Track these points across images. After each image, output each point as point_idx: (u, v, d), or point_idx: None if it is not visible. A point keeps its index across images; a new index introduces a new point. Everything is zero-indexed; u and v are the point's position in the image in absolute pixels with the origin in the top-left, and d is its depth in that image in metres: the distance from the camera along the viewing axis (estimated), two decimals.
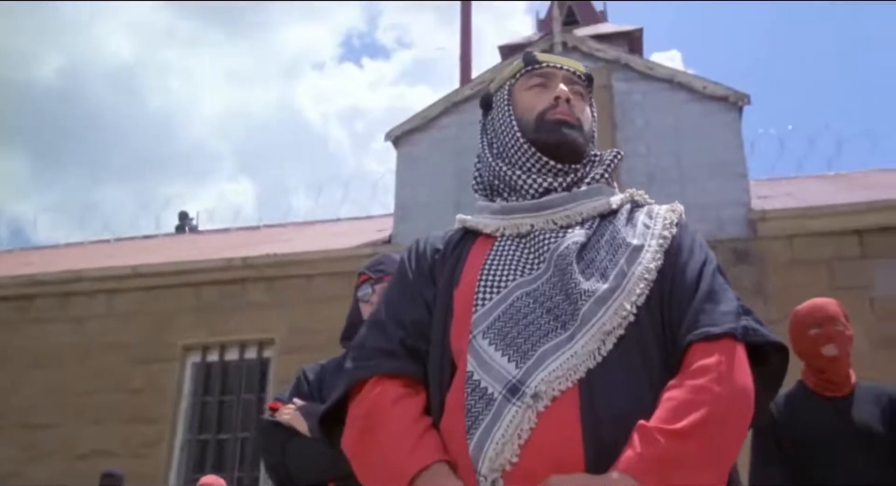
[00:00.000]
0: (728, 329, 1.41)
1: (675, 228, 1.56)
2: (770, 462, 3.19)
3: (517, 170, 1.65)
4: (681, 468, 1.28)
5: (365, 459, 1.47)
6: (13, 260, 12.93)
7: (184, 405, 10.17)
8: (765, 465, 3.18)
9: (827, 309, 3.27)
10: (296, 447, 2.54)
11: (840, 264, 8.81)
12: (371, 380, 1.51)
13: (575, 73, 1.73)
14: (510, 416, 1.34)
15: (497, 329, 1.45)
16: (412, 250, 1.71)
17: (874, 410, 3.16)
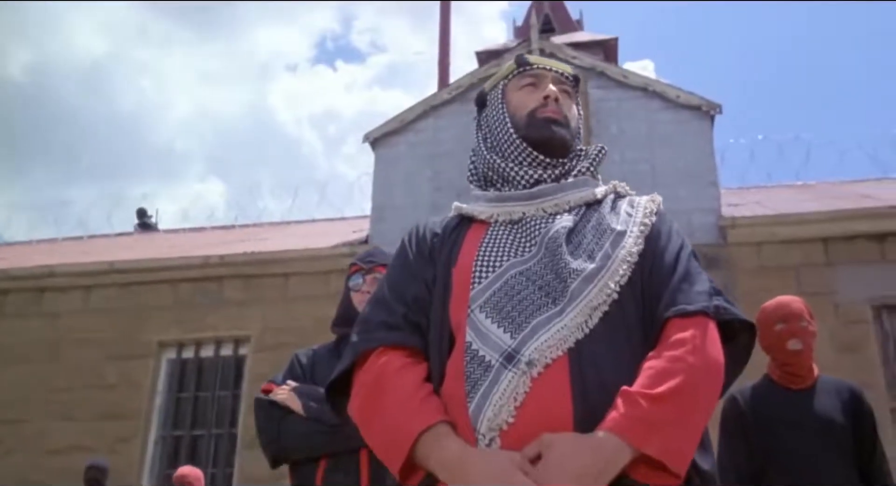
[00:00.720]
0: (702, 307, 1.56)
1: (655, 216, 1.72)
2: (736, 446, 3.35)
3: (510, 162, 1.80)
4: (659, 427, 1.42)
5: (372, 422, 1.61)
6: None
7: (158, 401, 10.20)
8: (730, 448, 3.34)
9: (792, 306, 3.44)
10: (290, 425, 2.67)
11: (806, 271, 9.03)
12: (376, 351, 1.65)
13: (563, 75, 1.89)
14: (507, 381, 1.48)
15: (493, 304, 1.59)
16: (412, 234, 1.85)
17: (835, 401, 3.33)
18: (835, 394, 3.37)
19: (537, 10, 14.98)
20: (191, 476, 6.04)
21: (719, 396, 1.56)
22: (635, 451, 1.41)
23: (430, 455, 1.49)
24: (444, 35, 14.00)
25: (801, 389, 3.38)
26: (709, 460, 1.56)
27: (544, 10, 15.17)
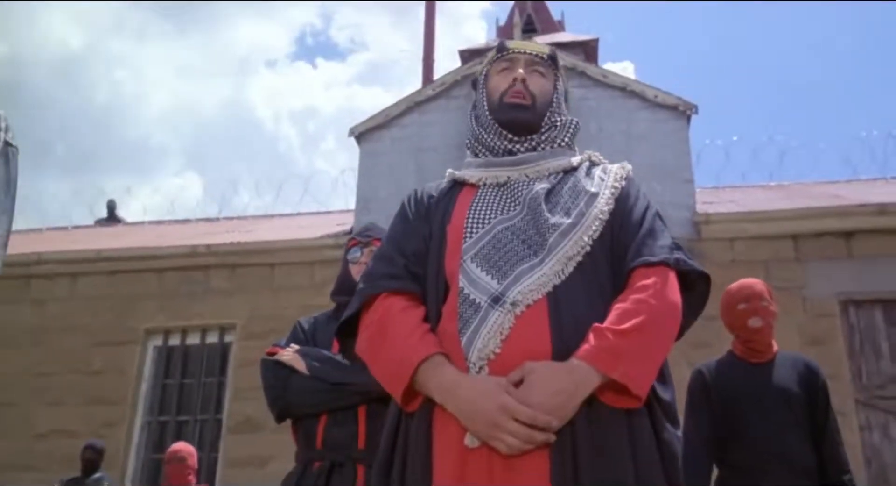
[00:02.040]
0: (663, 259, 1.83)
1: (625, 181, 1.99)
2: (701, 417, 3.61)
3: (489, 135, 2.09)
4: (624, 357, 1.68)
5: (377, 355, 1.86)
6: None
7: (144, 388, 10.38)
8: (696, 419, 3.60)
9: (754, 288, 3.72)
10: (295, 383, 2.91)
11: (776, 266, 9.35)
12: (380, 296, 1.91)
13: (537, 56, 2.16)
14: (494, 318, 1.74)
15: (483, 255, 1.85)
16: (411, 197, 2.12)
17: (791, 374, 3.61)
18: (791, 367, 3.64)
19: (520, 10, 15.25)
20: (184, 452, 6.25)
21: (677, 335, 1.82)
22: (603, 376, 1.67)
23: (429, 381, 1.74)
24: (428, 33, 14.23)
25: (761, 363, 3.65)
26: (669, 392, 1.82)
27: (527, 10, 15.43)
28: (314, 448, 2.89)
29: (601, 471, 1.64)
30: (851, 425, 8.40)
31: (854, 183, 12.23)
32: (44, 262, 10.93)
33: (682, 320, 1.84)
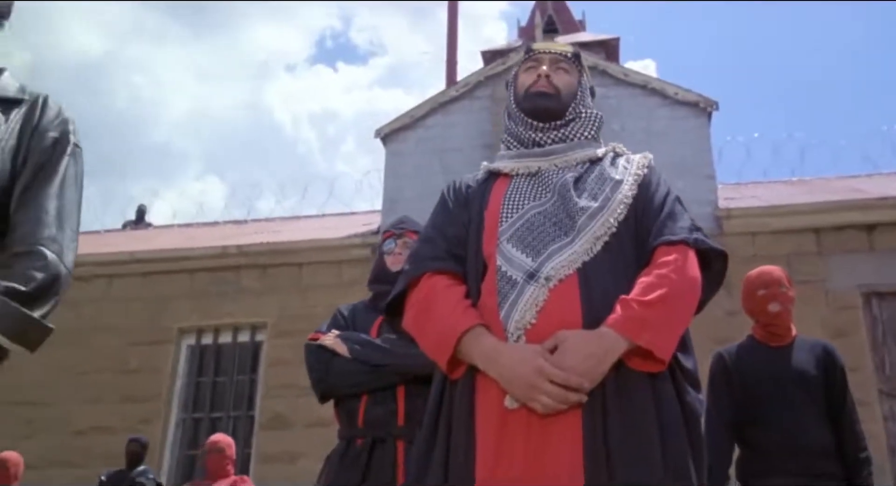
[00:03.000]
0: (683, 238, 2.01)
1: (647, 169, 2.17)
2: (722, 399, 3.76)
3: (518, 126, 2.28)
4: (648, 325, 1.86)
5: (424, 328, 2.05)
6: None
7: (178, 385, 10.66)
8: (717, 401, 3.76)
9: (772, 274, 3.87)
10: (337, 366, 3.10)
11: (798, 259, 9.47)
12: (425, 276, 2.10)
13: (561, 54, 2.34)
14: (529, 292, 1.93)
15: (518, 236, 2.04)
16: (451, 187, 2.31)
17: (809, 356, 3.75)
18: (810, 350, 3.79)
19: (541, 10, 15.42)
20: (223, 442, 6.47)
21: (696, 307, 2.00)
22: (630, 343, 1.85)
23: (472, 350, 1.93)
24: (451, 35, 14.42)
25: (780, 346, 3.79)
26: (691, 360, 2.00)
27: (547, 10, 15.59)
28: (356, 426, 3.07)
29: (628, 429, 1.82)
30: (875, 415, 8.51)
31: (875, 177, 12.29)
32: (80, 264, 11.07)
33: (702, 294, 2.02)
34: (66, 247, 1.93)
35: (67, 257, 1.92)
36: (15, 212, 1.90)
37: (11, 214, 1.90)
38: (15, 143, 1.96)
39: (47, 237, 1.89)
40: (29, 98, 2.05)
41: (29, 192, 1.93)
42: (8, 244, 1.88)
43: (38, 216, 1.90)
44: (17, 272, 1.83)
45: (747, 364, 3.79)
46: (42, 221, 1.90)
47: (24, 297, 1.80)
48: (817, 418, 3.63)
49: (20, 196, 1.92)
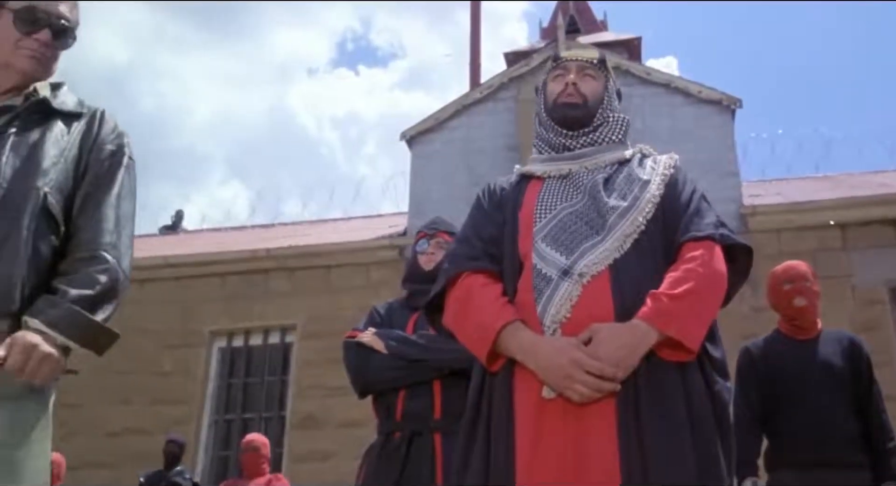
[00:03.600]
0: (709, 233, 2.11)
1: (673, 169, 2.27)
2: (749, 391, 3.85)
3: (548, 132, 2.39)
4: (677, 317, 1.96)
5: (464, 324, 2.17)
6: None
7: (211, 387, 10.84)
8: (745, 393, 3.84)
9: (798, 269, 3.96)
10: (375, 362, 3.20)
11: (823, 255, 9.48)
12: (463, 275, 2.21)
13: (587, 61, 2.44)
14: (564, 288, 2.04)
15: (552, 236, 2.14)
16: (485, 190, 2.42)
17: (836, 348, 3.83)
18: (836, 342, 3.87)
19: (563, 10, 15.50)
20: (258, 441, 6.63)
21: (723, 299, 2.10)
22: (660, 334, 1.95)
23: (510, 343, 2.04)
24: (474, 36, 14.52)
25: (806, 339, 3.88)
26: (719, 350, 2.10)
27: (569, 11, 15.67)
28: (394, 420, 3.17)
29: (660, 415, 1.92)
30: None
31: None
32: None
33: (728, 287, 2.11)
34: (124, 253, 2.07)
35: (125, 262, 2.07)
36: (77, 217, 2.04)
37: (73, 218, 2.04)
38: (76, 153, 2.10)
39: (108, 243, 2.03)
40: (87, 112, 2.19)
41: (90, 200, 2.07)
42: (71, 250, 2.01)
43: (99, 224, 2.04)
44: (82, 276, 1.96)
45: (774, 357, 3.88)
46: (102, 228, 2.04)
47: (91, 301, 1.93)
48: (844, 408, 3.71)
49: (82, 204, 2.06)
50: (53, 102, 2.14)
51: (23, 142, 2.03)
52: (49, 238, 1.99)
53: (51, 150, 2.05)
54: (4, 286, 1.88)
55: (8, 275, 1.89)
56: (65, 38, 2.18)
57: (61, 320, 1.88)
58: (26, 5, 2.10)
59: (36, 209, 1.96)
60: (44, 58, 2.14)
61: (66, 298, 1.91)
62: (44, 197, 1.98)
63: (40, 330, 1.85)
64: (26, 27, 2.10)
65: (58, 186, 2.03)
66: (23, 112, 2.08)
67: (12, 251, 1.90)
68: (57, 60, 2.21)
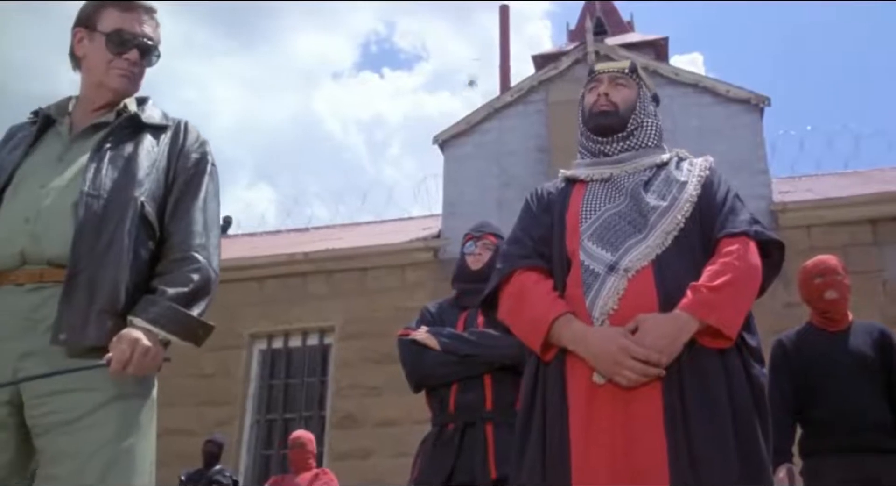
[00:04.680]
0: (744, 229, 2.29)
1: (708, 171, 2.45)
2: (782, 381, 3.99)
3: (588, 142, 2.59)
4: (716, 307, 2.14)
5: (518, 317, 2.36)
6: None
7: (252, 389, 11.10)
8: (778, 383, 3.99)
9: (828, 263, 4.10)
10: (430, 358, 3.37)
11: (854, 251, 9.58)
12: (516, 272, 2.40)
13: (618, 72, 2.63)
14: (611, 282, 2.22)
15: (598, 235, 2.33)
16: (533, 194, 2.61)
17: (866, 339, 3.97)
18: (866, 334, 4.00)
19: (590, 12, 15.63)
20: (304, 438, 6.86)
21: (758, 291, 2.28)
22: (701, 323, 2.13)
23: (562, 334, 2.23)
24: (503, 41, 14.72)
25: (837, 330, 4.02)
26: (755, 339, 2.28)
27: (596, 13, 15.80)
28: (447, 412, 3.34)
29: (702, 398, 2.11)
30: None
31: None
32: None
33: (762, 280, 2.29)
34: (213, 253, 2.28)
35: (214, 261, 2.27)
36: (169, 222, 2.25)
37: (166, 223, 2.25)
38: (165, 163, 2.31)
39: (199, 245, 2.24)
40: (172, 124, 2.40)
41: (180, 206, 2.28)
42: (165, 252, 2.23)
43: (189, 227, 2.25)
44: (177, 276, 2.18)
45: (806, 348, 4.02)
46: (193, 231, 2.25)
47: (186, 298, 2.14)
48: (875, 396, 3.84)
49: (173, 209, 2.27)
50: (142, 116, 2.33)
51: (118, 155, 2.23)
52: (147, 243, 2.19)
53: (143, 161, 2.25)
54: (111, 289, 2.08)
55: (113, 279, 2.09)
56: (150, 56, 2.38)
57: (162, 316, 2.08)
58: (116, 29, 2.30)
59: (135, 217, 2.16)
60: (133, 76, 2.35)
61: (164, 296, 2.11)
62: (141, 206, 2.18)
63: (145, 327, 2.05)
64: (117, 48, 2.30)
65: (151, 195, 2.22)
66: (116, 127, 2.28)
67: (116, 257, 2.10)
68: (143, 77, 2.41)
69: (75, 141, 2.28)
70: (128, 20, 2.33)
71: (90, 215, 2.12)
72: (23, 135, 2.34)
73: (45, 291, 2.08)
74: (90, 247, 2.09)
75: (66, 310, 2.04)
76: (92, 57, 2.33)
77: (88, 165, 2.19)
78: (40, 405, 2.02)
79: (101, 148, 2.23)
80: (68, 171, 2.20)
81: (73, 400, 2.02)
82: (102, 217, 2.12)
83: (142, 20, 2.35)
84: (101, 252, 2.09)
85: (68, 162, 2.23)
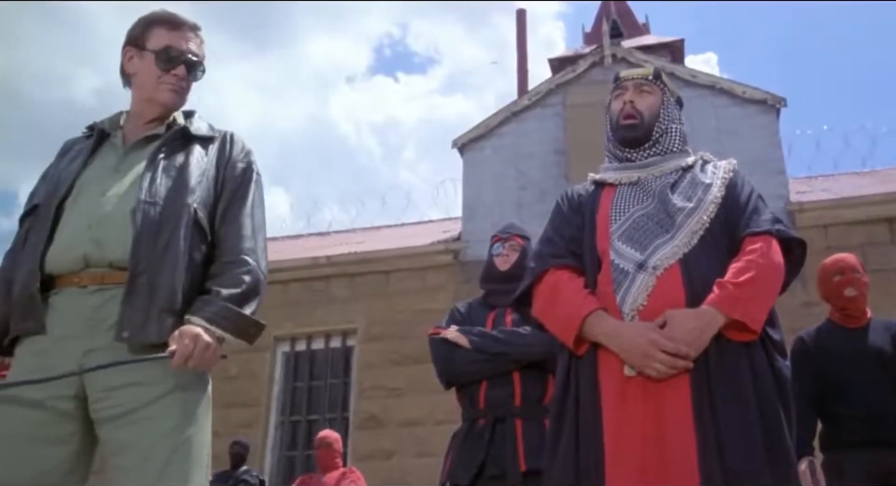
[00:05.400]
0: (766, 229, 2.40)
1: (732, 173, 2.57)
2: (803, 377, 4.08)
3: (615, 149, 2.71)
4: (741, 302, 2.26)
5: (552, 313, 2.48)
6: None
7: (276, 390, 11.25)
8: (799, 379, 4.07)
9: (847, 261, 4.20)
10: (460, 356, 3.49)
11: (872, 250, 9.64)
12: (549, 270, 2.52)
13: (642, 78, 2.74)
14: (640, 280, 2.34)
15: (627, 235, 2.45)
16: (564, 196, 2.73)
17: (885, 335, 4.05)
18: (885, 330, 4.08)
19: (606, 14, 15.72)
20: (331, 437, 6.99)
21: (781, 287, 2.39)
22: (727, 317, 2.25)
23: (594, 329, 2.35)
24: (520, 44, 14.82)
25: (856, 327, 4.11)
26: (778, 333, 2.39)
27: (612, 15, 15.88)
28: (478, 408, 3.45)
29: (729, 389, 2.22)
30: None
31: None
32: None
33: (784, 276, 2.41)
34: (261, 256, 2.40)
35: (262, 263, 2.40)
36: (219, 228, 2.38)
37: (216, 229, 2.37)
38: (214, 172, 2.44)
39: (248, 248, 2.37)
40: (218, 135, 2.53)
41: (229, 212, 2.40)
42: (217, 256, 2.35)
43: (239, 232, 2.38)
44: (229, 278, 2.30)
45: (826, 344, 4.10)
46: (242, 235, 2.38)
47: (239, 298, 2.27)
48: (893, 391, 3.93)
49: (222, 215, 2.39)
50: (191, 128, 2.47)
51: (171, 165, 2.36)
52: (200, 247, 2.31)
53: (194, 171, 2.38)
54: (169, 290, 2.21)
55: (171, 280, 2.22)
56: (195, 71, 2.51)
57: (216, 315, 2.20)
58: (164, 46, 2.44)
59: (189, 223, 2.28)
60: (181, 90, 2.48)
61: (219, 297, 2.23)
62: (194, 212, 2.31)
63: (202, 326, 2.18)
64: (165, 65, 2.44)
65: (202, 202, 2.35)
66: (168, 139, 2.42)
67: (173, 260, 2.23)
68: (189, 91, 2.54)
69: (129, 152, 2.40)
70: (175, 38, 2.46)
71: (147, 221, 2.24)
72: (79, 148, 2.47)
73: (106, 292, 2.21)
74: (149, 251, 2.21)
75: (128, 309, 2.16)
76: (142, 74, 2.46)
77: (144, 174, 2.31)
78: (104, 398, 2.14)
79: (155, 158, 2.36)
80: (125, 180, 2.33)
81: (135, 394, 2.13)
82: (159, 223, 2.25)
83: (187, 37, 2.49)
84: (158, 255, 2.21)
85: (124, 172, 2.35)
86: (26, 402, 2.14)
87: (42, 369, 2.12)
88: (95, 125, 2.51)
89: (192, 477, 2.17)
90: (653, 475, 2.17)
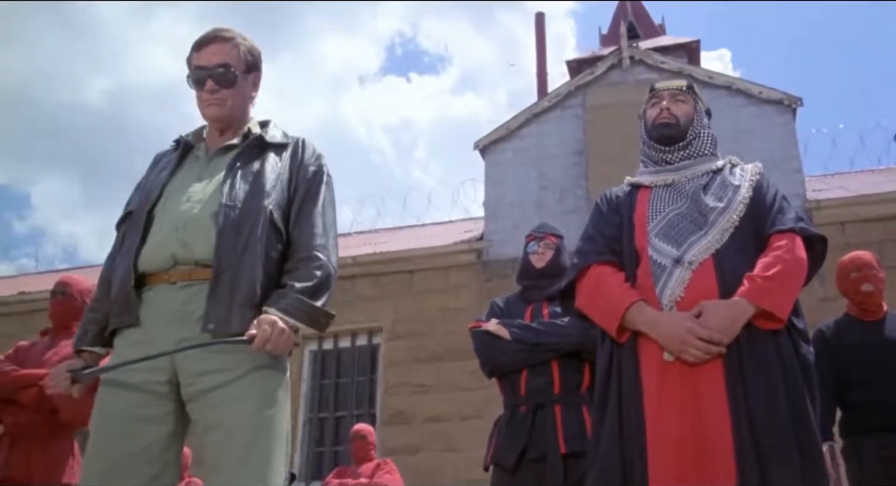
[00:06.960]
0: (791, 227, 2.63)
1: (759, 175, 2.80)
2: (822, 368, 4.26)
3: (651, 151, 2.94)
4: (769, 293, 2.49)
5: (595, 304, 2.72)
6: None
7: (304, 388, 11.51)
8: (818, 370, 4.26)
9: (863, 258, 4.41)
10: (501, 347, 3.69)
11: (889, 246, 9.81)
12: (591, 266, 2.76)
13: (677, 89, 2.98)
14: (677, 274, 2.58)
15: (664, 232, 2.68)
16: (603, 198, 2.96)
17: None
18: None
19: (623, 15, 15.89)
20: (365, 430, 7.24)
21: (805, 280, 2.62)
22: (756, 307, 2.48)
23: (636, 318, 2.58)
24: (540, 46, 15.01)
25: (873, 320, 4.32)
26: (802, 322, 2.62)
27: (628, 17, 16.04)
28: (519, 395, 3.66)
29: (758, 373, 2.46)
30: None
31: None
32: None
33: (808, 270, 2.64)
34: (332, 252, 2.62)
35: (333, 259, 2.62)
36: (293, 227, 2.60)
37: (290, 228, 2.59)
38: (287, 176, 2.67)
39: (320, 245, 2.59)
40: (291, 141, 2.76)
41: (302, 212, 2.63)
42: (292, 253, 2.58)
43: (311, 230, 2.60)
44: (303, 272, 2.53)
45: (845, 336, 4.30)
46: (314, 233, 2.60)
47: (311, 291, 2.49)
48: None
49: (296, 215, 2.62)
50: (266, 136, 2.69)
51: (248, 171, 2.58)
52: (276, 245, 2.53)
53: (269, 175, 2.59)
54: (249, 285, 2.44)
55: (251, 277, 2.44)
56: (226, 79, 2.65)
57: (291, 306, 2.40)
58: (192, 69, 2.65)
59: (265, 223, 2.50)
60: (218, 102, 2.65)
61: (293, 290, 2.44)
62: (269, 213, 2.52)
63: (278, 316, 2.40)
64: (197, 86, 2.66)
65: (278, 204, 2.56)
66: (245, 148, 2.64)
67: (252, 258, 2.45)
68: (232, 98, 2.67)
69: (211, 161, 2.63)
70: (199, 58, 2.65)
71: (228, 223, 2.46)
72: (167, 160, 2.71)
73: (193, 287, 2.43)
74: (230, 250, 2.43)
75: (213, 304, 2.39)
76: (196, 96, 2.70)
77: (224, 180, 2.54)
78: (194, 382, 2.36)
79: (234, 166, 2.58)
80: (208, 186, 2.55)
81: (220, 378, 2.35)
82: (238, 224, 2.46)
83: (211, 52, 2.65)
84: (239, 254, 2.43)
85: (207, 179, 2.58)
86: (128, 385, 2.38)
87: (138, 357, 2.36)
88: (181, 138, 2.75)
89: (273, 455, 2.39)
90: (691, 449, 2.41)
